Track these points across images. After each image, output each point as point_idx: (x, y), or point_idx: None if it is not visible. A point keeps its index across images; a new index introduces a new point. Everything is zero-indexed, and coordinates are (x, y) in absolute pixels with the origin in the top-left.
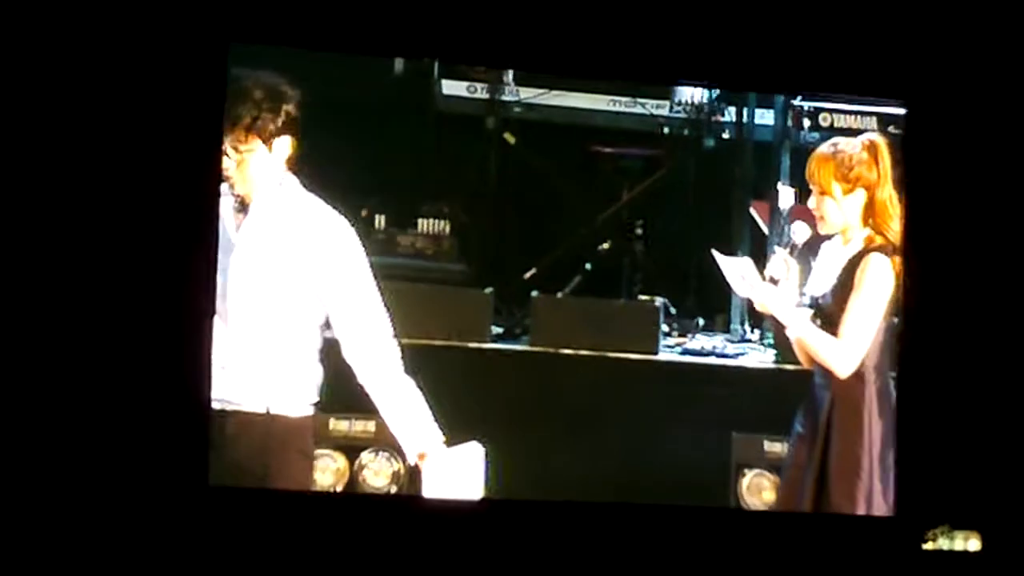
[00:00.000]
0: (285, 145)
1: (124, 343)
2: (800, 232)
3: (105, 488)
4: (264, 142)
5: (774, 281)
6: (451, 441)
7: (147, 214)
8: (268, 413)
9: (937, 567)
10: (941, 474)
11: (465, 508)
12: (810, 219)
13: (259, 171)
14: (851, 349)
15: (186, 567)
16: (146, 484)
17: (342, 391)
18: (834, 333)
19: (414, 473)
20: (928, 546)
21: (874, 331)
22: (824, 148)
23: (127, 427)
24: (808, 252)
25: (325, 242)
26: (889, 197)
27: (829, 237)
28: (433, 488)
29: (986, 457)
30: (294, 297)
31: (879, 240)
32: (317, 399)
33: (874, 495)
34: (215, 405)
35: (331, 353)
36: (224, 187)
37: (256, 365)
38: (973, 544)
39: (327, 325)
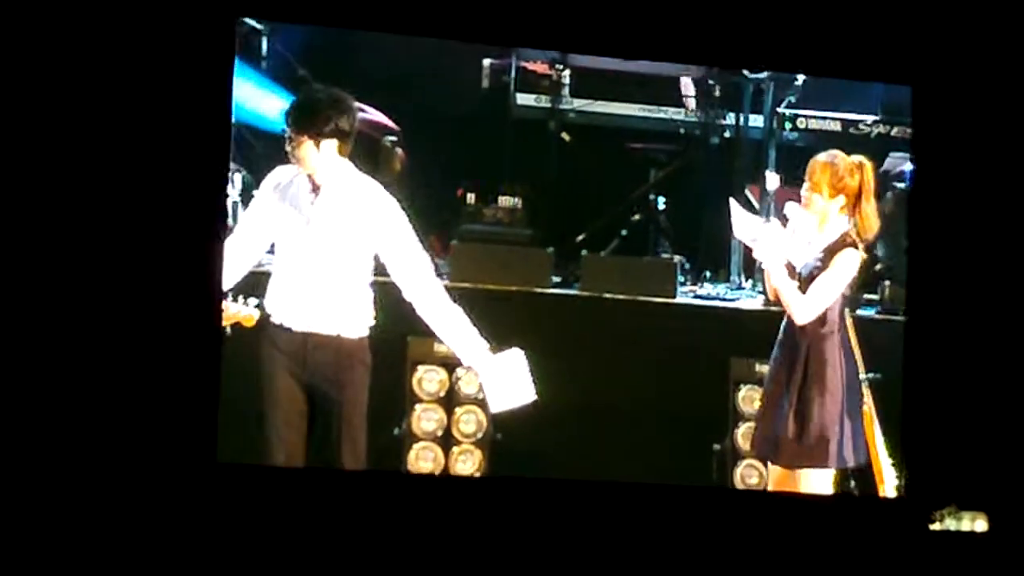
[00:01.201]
0: (348, 139)
1: (138, 322)
2: (793, 209)
3: (116, 466)
4: (335, 137)
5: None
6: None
7: (160, 187)
8: (338, 336)
9: (944, 547)
10: (948, 455)
11: (458, 485)
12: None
13: (327, 157)
14: (810, 306)
15: (195, 543)
16: (156, 461)
17: None
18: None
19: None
20: (935, 527)
21: (832, 300)
22: (824, 156)
23: (139, 405)
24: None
25: (377, 210)
26: (872, 209)
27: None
28: (489, 388)
29: (993, 439)
30: (356, 251)
31: (853, 236)
32: (372, 323)
33: (844, 422)
34: (299, 329)
35: None
36: (296, 168)
37: (329, 302)
38: (980, 525)
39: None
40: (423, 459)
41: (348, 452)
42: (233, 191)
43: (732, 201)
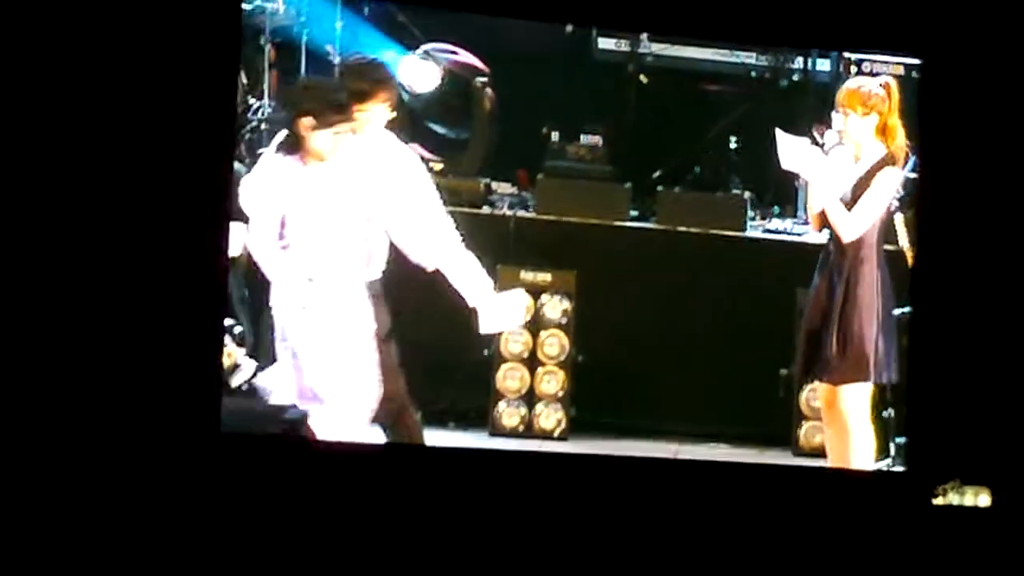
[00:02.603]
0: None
1: (141, 296)
2: (831, 135)
3: (119, 437)
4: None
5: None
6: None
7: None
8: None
9: (947, 522)
10: (951, 430)
11: (470, 457)
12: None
13: (378, 123)
14: (856, 223)
15: (198, 513)
16: (160, 432)
17: (528, 251)
18: None
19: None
20: (938, 501)
21: (875, 217)
22: (851, 83)
23: (142, 376)
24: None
25: (406, 168)
26: (896, 123)
27: (842, 144)
28: (487, 322)
29: (997, 413)
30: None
31: (888, 156)
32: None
33: (878, 338)
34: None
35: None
36: (346, 127)
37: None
38: (983, 499)
39: None
40: (510, 379)
41: None
42: None
43: (778, 131)
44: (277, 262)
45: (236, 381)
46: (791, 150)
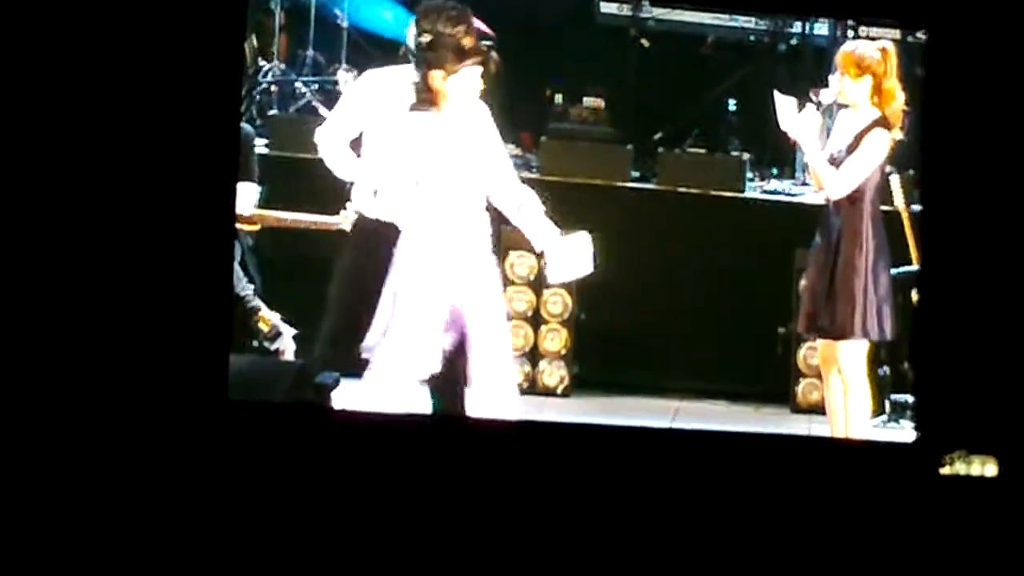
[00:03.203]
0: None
1: (148, 266)
2: (827, 95)
3: (126, 403)
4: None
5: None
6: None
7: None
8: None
9: (954, 492)
10: (958, 399)
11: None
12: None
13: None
14: (842, 181)
15: (205, 480)
16: (167, 398)
17: None
18: None
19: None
20: (945, 471)
21: (862, 176)
22: (848, 45)
23: (149, 344)
24: (828, 114)
25: (486, 119)
26: (893, 86)
27: (845, 107)
28: (555, 269)
29: (1004, 382)
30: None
31: (881, 119)
32: None
33: (868, 296)
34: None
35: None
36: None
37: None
38: (990, 469)
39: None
40: (515, 336)
41: None
42: (346, 89)
43: (776, 93)
44: (409, 205)
45: (277, 346)
46: (788, 111)
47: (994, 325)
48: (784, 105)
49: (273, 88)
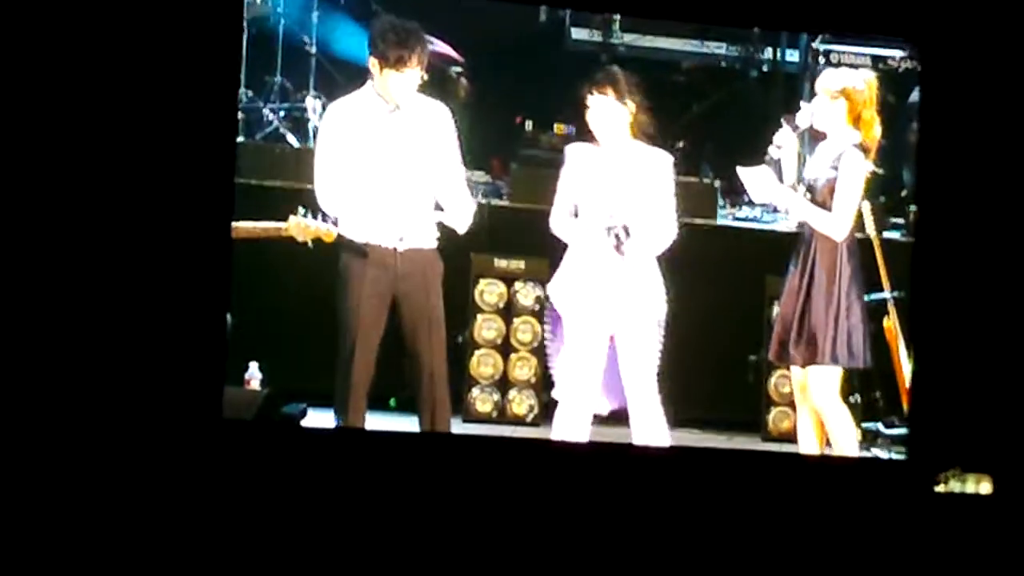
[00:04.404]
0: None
1: (146, 283)
2: (803, 119)
3: (121, 422)
4: (421, 67)
5: (778, 148)
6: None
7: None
8: (421, 247)
9: (949, 510)
10: (953, 417)
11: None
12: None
13: (413, 86)
14: (841, 220)
15: (199, 498)
16: (161, 418)
17: (502, 239)
18: (822, 206)
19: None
20: (940, 489)
21: (856, 206)
22: (828, 70)
23: (145, 362)
24: (805, 144)
25: (446, 131)
26: (871, 116)
27: (824, 136)
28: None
29: (998, 401)
30: (430, 166)
31: (860, 145)
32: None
33: (840, 322)
34: (390, 244)
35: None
36: (364, 94)
37: (414, 214)
38: (985, 487)
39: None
40: (484, 364)
41: (437, 359)
42: (314, 117)
43: (739, 168)
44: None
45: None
46: (755, 183)
47: (990, 344)
48: (751, 178)
49: (240, 115)
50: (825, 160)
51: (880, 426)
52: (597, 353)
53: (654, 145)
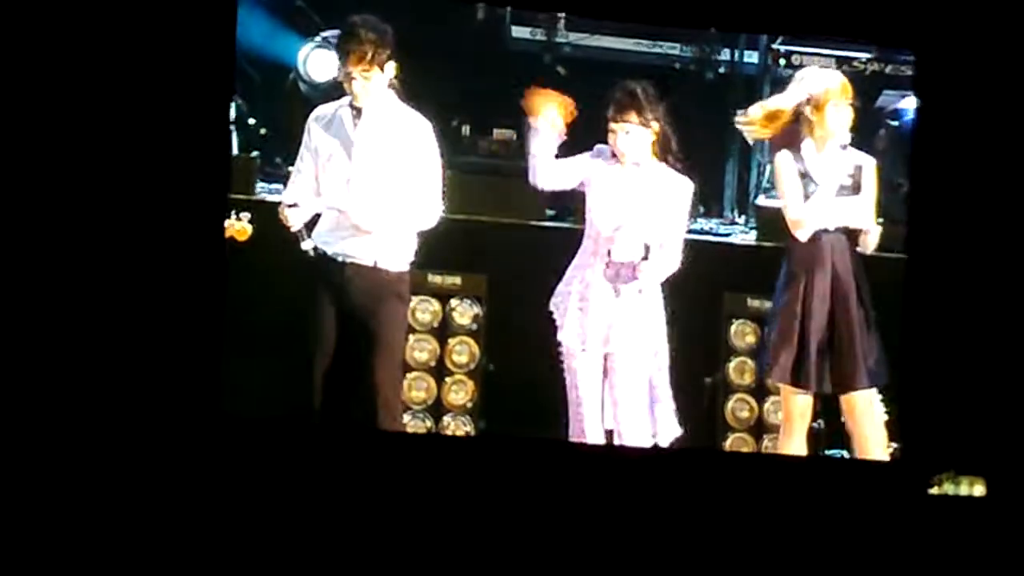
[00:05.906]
0: (391, 69)
1: (144, 279)
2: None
3: (121, 414)
4: (379, 68)
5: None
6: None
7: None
8: (375, 266)
9: (942, 512)
10: (946, 420)
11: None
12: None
13: (374, 88)
14: (876, 232)
15: (198, 491)
16: (161, 410)
17: (436, 253)
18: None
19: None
20: (933, 491)
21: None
22: (837, 76)
23: (145, 354)
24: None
25: (415, 137)
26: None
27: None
28: None
29: (991, 403)
30: (397, 179)
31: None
32: (413, 258)
33: (868, 343)
34: (340, 258)
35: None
36: (345, 100)
37: (370, 230)
38: (978, 489)
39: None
40: (416, 388)
41: (388, 390)
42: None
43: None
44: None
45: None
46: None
47: (982, 346)
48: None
49: None
50: (839, 170)
51: (845, 453)
52: (593, 373)
53: (676, 163)
